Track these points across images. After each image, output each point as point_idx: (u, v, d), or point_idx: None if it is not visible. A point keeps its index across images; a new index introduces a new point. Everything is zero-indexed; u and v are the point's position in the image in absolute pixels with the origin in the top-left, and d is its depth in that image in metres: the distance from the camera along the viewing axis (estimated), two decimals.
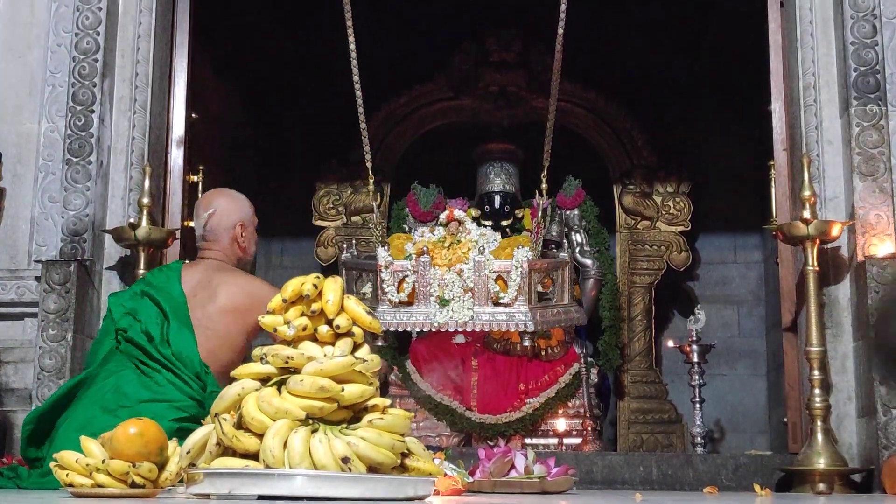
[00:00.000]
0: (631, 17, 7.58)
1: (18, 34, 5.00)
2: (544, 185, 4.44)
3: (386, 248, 4.38)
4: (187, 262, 4.18)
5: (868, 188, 4.50)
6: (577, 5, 4.75)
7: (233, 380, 3.54)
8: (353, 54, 4.39)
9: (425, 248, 4.30)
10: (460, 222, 4.45)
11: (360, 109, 4.56)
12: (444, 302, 4.23)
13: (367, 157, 4.59)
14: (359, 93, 4.50)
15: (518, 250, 4.27)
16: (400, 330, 4.31)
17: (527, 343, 4.61)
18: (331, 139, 7.36)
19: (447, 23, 7.61)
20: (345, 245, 4.65)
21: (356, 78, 4.43)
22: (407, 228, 6.92)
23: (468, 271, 4.24)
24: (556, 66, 4.39)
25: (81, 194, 4.76)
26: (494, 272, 4.25)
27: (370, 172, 4.65)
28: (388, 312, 4.23)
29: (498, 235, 4.88)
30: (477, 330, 4.36)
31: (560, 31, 4.29)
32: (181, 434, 2.83)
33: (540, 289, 4.39)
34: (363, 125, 4.56)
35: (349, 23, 4.34)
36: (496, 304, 4.24)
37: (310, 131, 7.84)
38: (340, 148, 7.27)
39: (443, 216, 4.57)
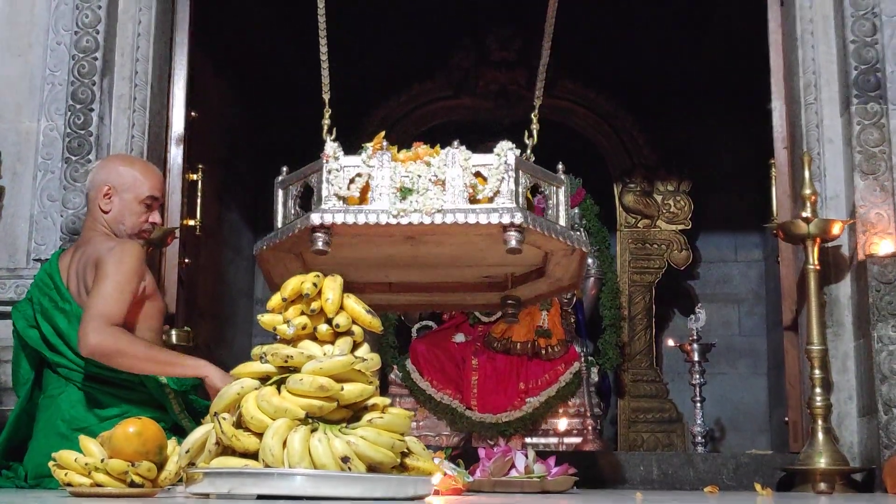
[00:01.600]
0: (631, 15, 7.57)
1: (18, 32, 4.99)
2: (535, 126, 4.04)
3: (332, 138, 3.54)
4: (65, 249, 3.84)
5: (869, 187, 4.50)
6: (576, 4, 4.74)
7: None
8: (323, 41, 4.00)
9: (384, 144, 3.30)
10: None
11: (323, 42, 4.06)
12: (405, 192, 3.16)
13: (325, 84, 4.13)
14: (323, 35, 4.01)
15: (502, 143, 3.29)
16: (349, 224, 3.13)
17: (514, 244, 3.10)
18: (324, 128, 7.34)
19: (447, 21, 7.61)
20: (284, 169, 3.86)
21: (323, 47, 4.01)
22: None
23: (438, 162, 3.21)
24: (548, 31, 4.10)
25: (81, 193, 4.74)
26: (474, 166, 3.22)
27: (327, 105, 4.13)
28: (336, 209, 3.18)
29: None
30: (448, 223, 3.15)
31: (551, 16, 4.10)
32: None
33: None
34: (324, 55, 4.11)
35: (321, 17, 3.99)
36: (473, 201, 3.19)
37: (309, 129, 7.82)
38: (342, 146, 7.25)
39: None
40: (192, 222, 5.49)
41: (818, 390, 4.34)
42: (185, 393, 3.48)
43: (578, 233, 3.49)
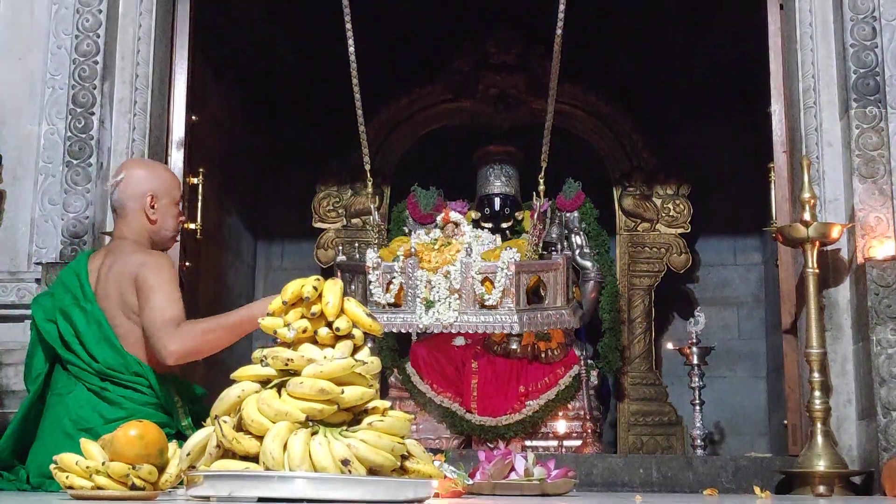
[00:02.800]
0: (631, 18, 7.58)
1: (18, 36, 5.00)
2: (542, 188, 4.38)
3: (375, 249, 4.38)
4: (96, 250, 3.89)
5: (868, 190, 4.51)
6: (576, 8, 4.75)
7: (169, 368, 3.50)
8: (353, 58, 4.33)
9: (413, 250, 4.26)
10: (456, 224, 4.42)
11: (359, 112, 4.51)
12: (429, 304, 4.17)
13: (366, 160, 4.54)
14: (357, 96, 4.45)
15: (505, 252, 4.20)
16: (387, 332, 4.32)
17: (514, 346, 4.54)
18: (331, 141, 7.36)
19: (447, 25, 7.62)
20: (341, 248, 4.62)
21: (355, 81, 4.37)
22: (407, 231, 6.92)
23: (454, 273, 4.18)
24: (554, 70, 4.36)
25: (81, 196, 4.76)
26: (481, 274, 4.18)
27: (369, 176, 4.60)
28: (375, 314, 4.09)
29: (497, 238, 4.87)
30: (462, 332, 4.41)
31: (558, 31, 4.24)
32: None
33: (541, 292, 4.34)
34: (362, 128, 4.53)
35: (348, 26, 4.29)
36: (482, 306, 4.17)
37: (310, 133, 7.84)
38: (340, 150, 7.27)
39: (439, 218, 4.54)
40: (192, 226, 5.50)
41: (817, 393, 4.34)
42: (192, 402, 3.51)
43: (570, 312, 4.34)
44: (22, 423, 3.50)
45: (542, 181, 4.34)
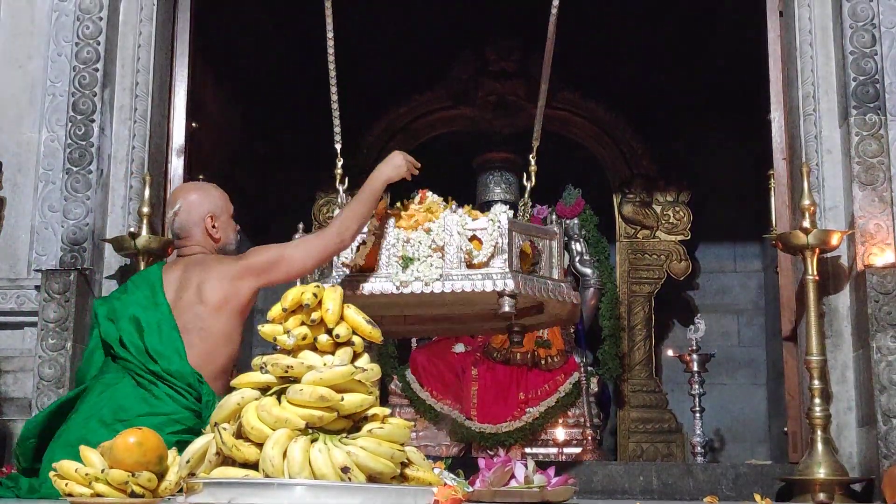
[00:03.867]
0: (631, 26, 7.59)
1: (19, 43, 5.01)
2: (533, 167, 4.14)
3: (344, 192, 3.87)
4: (168, 261, 4.01)
5: (867, 197, 4.51)
6: (576, 15, 4.76)
7: (228, 379, 3.54)
8: (330, 27, 4.07)
9: (388, 210, 3.65)
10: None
11: (334, 88, 4.22)
12: (407, 261, 3.52)
13: (337, 135, 4.28)
14: (333, 72, 4.17)
15: (496, 206, 3.63)
16: (357, 294, 3.51)
17: (507, 308, 3.45)
18: (331, 148, 7.35)
19: (446, 33, 7.63)
20: (300, 226, 4.25)
21: (331, 51, 4.11)
22: None
23: (437, 229, 3.54)
24: (550, 40, 4.14)
25: (81, 203, 4.76)
26: (468, 230, 3.53)
27: (338, 155, 4.30)
28: (344, 281, 3.56)
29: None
30: (447, 291, 3.50)
31: (553, 10, 4.10)
32: (179, 447, 2.81)
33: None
34: (335, 104, 4.26)
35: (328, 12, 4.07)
36: (469, 266, 3.50)
37: (309, 140, 7.84)
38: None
39: (416, 199, 3.92)
40: None
41: (817, 401, 4.34)
42: None
43: (570, 282, 3.79)
44: (58, 411, 3.51)
45: (533, 160, 4.14)
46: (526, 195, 4.01)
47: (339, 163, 4.18)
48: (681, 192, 7.56)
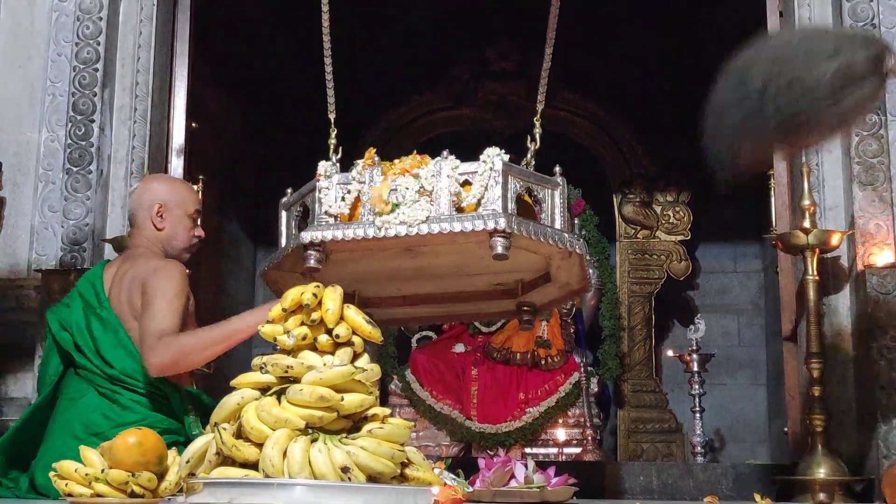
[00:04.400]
0: (631, 26, 7.59)
1: (19, 44, 5.01)
2: (538, 130, 4.03)
3: (330, 162, 3.54)
4: (111, 259, 3.89)
5: (868, 197, 4.51)
6: (576, 16, 4.75)
7: (185, 376, 3.51)
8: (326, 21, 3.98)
9: (376, 160, 3.34)
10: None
11: (328, 60, 4.12)
12: (393, 206, 3.19)
13: (331, 103, 4.14)
14: (327, 44, 4.05)
15: (490, 148, 3.30)
16: (337, 239, 3.20)
17: (500, 250, 3.06)
18: (330, 148, 7.36)
19: (447, 33, 7.63)
20: (289, 190, 3.96)
21: (325, 20, 4.01)
22: None
23: (426, 174, 3.23)
24: (554, 8, 4.02)
25: (81, 203, 4.76)
26: (462, 175, 3.23)
27: (332, 125, 4.16)
28: (325, 226, 3.27)
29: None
30: (433, 233, 3.17)
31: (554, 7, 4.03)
32: None
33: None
34: (329, 75, 4.16)
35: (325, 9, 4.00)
36: (459, 210, 3.19)
37: (310, 139, 7.83)
38: (340, 156, 7.27)
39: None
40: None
41: (817, 401, 4.34)
42: (204, 413, 3.50)
43: (574, 235, 3.45)
44: (24, 427, 3.49)
45: (538, 123, 4.03)
46: (529, 155, 3.74)
47: (333, 133, 4.01)
48: (681, 192, 7.56)
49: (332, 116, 4.04)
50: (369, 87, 7.38)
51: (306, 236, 3.23)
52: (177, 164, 5.27)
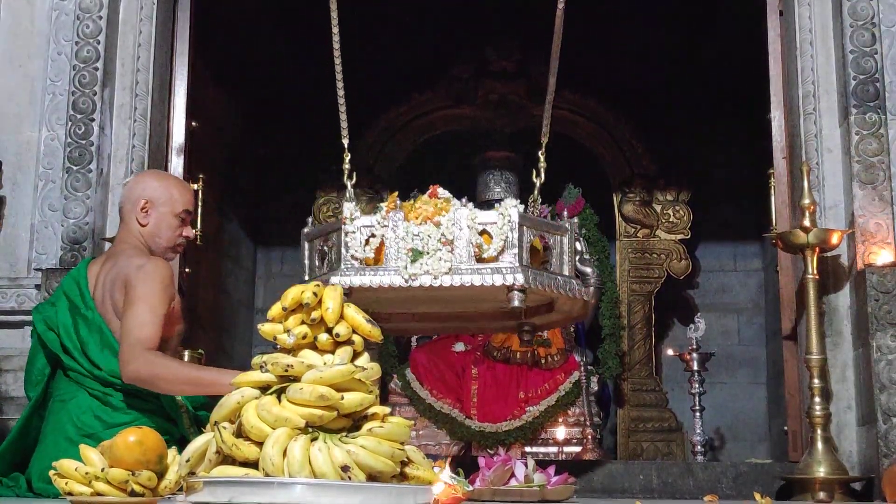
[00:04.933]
0: (631, 25, 7.59)
1: (19, 43, 5.01)
2: (542, 164, 4.10)
3: (354, 204, 3.72)
4: (95, 257, 3.89)
5: (868, 196, 4.51)
6: (577, 15, 4.75)
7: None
8: (337, 48, 4.03)
9: (398, 203, 3.56)
10: (447, 201, 3.70)
11: (340, 84, 4.16)
12: (416, 254, 3.43)
13: (344, 130, 4.21)
14: (339, 65, 4.11)
15: (507, 200, 3.56)
16: (365, 286, 3.44)
17: (516, 303, 3.43)
18: (330, 147, 7.35)
19: (447, 32, 7.63)
20: (309, 220, 4.10)
21: (338, 68, 4.06)
22: None
23: (446, 222, 3.47)
24: (557, 35, 4.08)
25: (81, 202, 4.76)
26: (479, 224, 3.48)
27: (345, 149, 4.25)
28: (351, 271, 3.47)
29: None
30: (456, 285, 3.44)
31: (559, 9, 4.05)
32: None
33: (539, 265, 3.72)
34: (341, 100, 4.21)
35: (334, 14, 4.02)
36: (479, 260, 3.45)
37: (309, 139, 7.85)
38: (340, 156, 7.26)
39: (426, 195, 3.75)
40: (193, 236, 5.49)
41: (817, 399, 4.34)
42: (196, 409, 3.50)
43: (580, 280, 3.63)
44: (23, 431, 3.49)
45: (542, 157, 4.10)
46: (535, 191, 3.98)
47: (347, 157, 4.15)
48: (681, 191, 7.56)
49: (345, 141, 4.13)
50: (369, 87, 7.37)
51: (335, 280, 3.35)
52: (177, 164, 5.27)
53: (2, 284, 4.72)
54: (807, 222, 4.41)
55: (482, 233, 3.47)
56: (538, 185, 3.91)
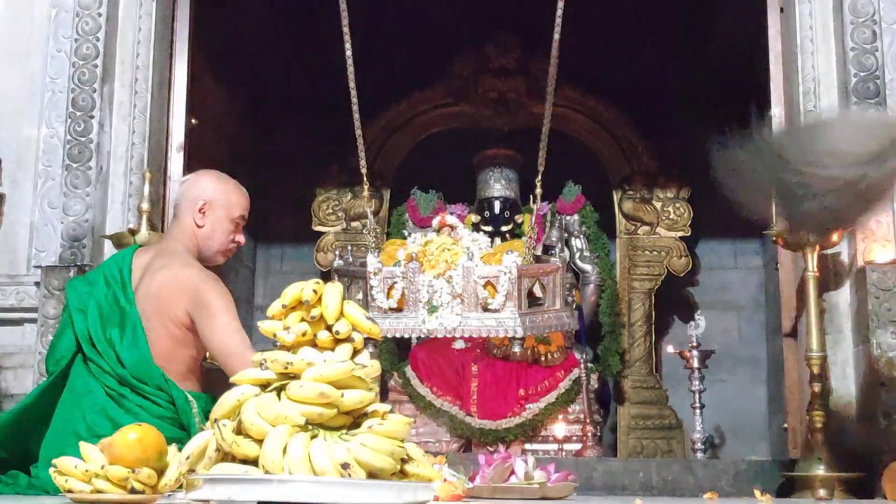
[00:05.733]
0: (631, 22, 7.58)
1: (18, 40, 5.01)
2: (539, 191, 4.35)
3: (376, 254, 4.28)
4: (142, 245, 3.86)
5: None
6: (576, 12, 4.75)
7: (199, 381, 3.49)
8: (350, 61, 4.31)
9: (414, 255, 4.16)
10: (452, 227, 4.32)
11: (356, 115, 4.48)
12: (432, 308, 4.10)
13: (363, 163, 4.51)
14: (354, 99, 4.42)
15: (507, 255, 4.13)
16: (390, 336, 4.19)
17: (517, 349, 4.41)
18: (330, 145, 7.37)
19: (446, 30, 7.62)
20: (339, 251, 4.52)
21: (352, 84, 4.34)
22: (406, 234, 6.92)
23: (457, 277, 4.11)
24: (551, 77, 4.34)
25: (81, 200, 4.76)
26: (483, 278, 4.09)
27: (365, 179, 4.56)
28: (378, 319, 3.94)
29: (495, 241, 4.89)
30: (466, 336, 4.36)
31: (556, 36, 4.22)
32: None
33: (537, 293, 4.29)
34: (359, 132, 4.50)
35: (346, 27, 4.26)
36: (485, 309, 4.09)
37: (309, 137, 7.84)
38: (340, 153, 7.27)
39: (435, 222, 4.37)
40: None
41: (818, 397, 4.34)
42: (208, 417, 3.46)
43: (570, 314, 4.34)
44: (30, 408, 3.41)
45: (538, 184, 4.31)
46: (532, 220, 4.45)
47: (366, 186, 4.74)
48: (681, 188, 7.55)
49: (363, 170, 4.62)
50: (369, 84, 7.36)
51: None
52: (176, 161, 5.27)
53: (1, 282, 4.72)
54: None
55: (486, 284, 4.08)
56: (535, 209, 4.31)
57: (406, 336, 4.21)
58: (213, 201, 3.61)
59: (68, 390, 3.42)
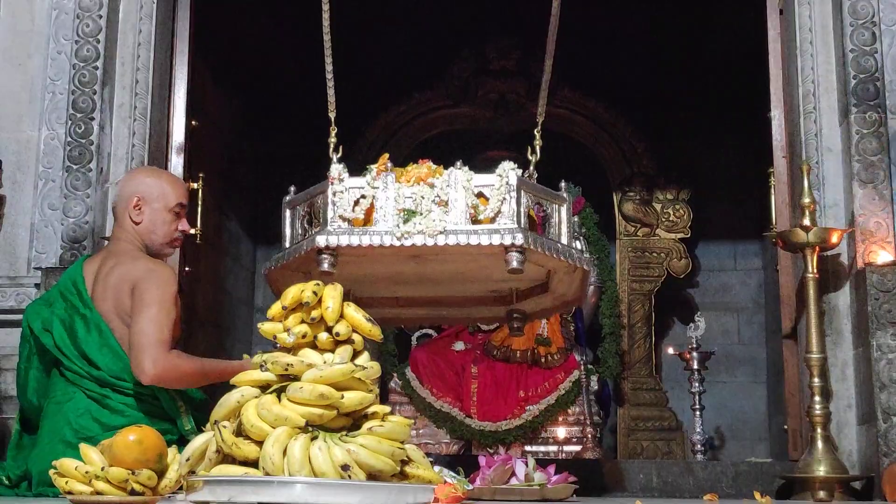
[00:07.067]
0: (631, 25, 7.59)
1: (18, 42, 5.00)
2: (538, 142, 3.98)
3: (343, 165, 3.52)
4: (91, 255, 3.86)
5: (868, 195, 4.51)
6: (576, 14, 4.75)
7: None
8: (327, 46, 4.00)
9: (389, 165, 3.38)
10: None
11: (329, 60, 4.10)
12: (409, 214, 3.24)
13: (332, 103, 4.14)
14: (328, 45, 4.04)
15: (504, 163, 3.35)
16: (353, 246, 3.23)
17: (515, 264, 3.17)
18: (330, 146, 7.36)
19: (447, 31, 7.63)
20: (292, 188, 3.82)
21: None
22: None
23: (441, 184, 3.28)
24: (554, 19, 3.95)
25: (81, 201, 4.75)
26: (476, 186, 3.29)
27: (332, 123, 4.17)
28: (339, 231, 3.27)
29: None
30: (451, 244, 3.22)
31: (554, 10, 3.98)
32: None
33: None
34: (329, 74, 4.15)
35: (326, 19, 3.99)
36: (475, 221, 3.26)
37: (309, 138, 7.84)
38: (340, 155, 7.26)
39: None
40: (192, 231, 5.49)
41: (817, 398, 4.34)
42: (195, 408, 3.48)
43: (580, 250, 3.47)
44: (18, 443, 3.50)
45: (538, 134, 3.97)
46: (531, 167, 3.76)
47: (333, 131, 4.01)
48: (681, 190, 7.57)
49: (332, 115, 4.02)
50: (369, 85, 7.37)
51: (322, 240, 3.24)
52: (177, 162, 5.26)
53: (1, 283, 4.72)
54: (807, 221, 4.40)
55: (478, 195, 3.30)
56: (533, 161, 3.76)
57: (375, 245, 3.24)
58: (147, 195, 3.60)
59: (50, 403, 3.43)
